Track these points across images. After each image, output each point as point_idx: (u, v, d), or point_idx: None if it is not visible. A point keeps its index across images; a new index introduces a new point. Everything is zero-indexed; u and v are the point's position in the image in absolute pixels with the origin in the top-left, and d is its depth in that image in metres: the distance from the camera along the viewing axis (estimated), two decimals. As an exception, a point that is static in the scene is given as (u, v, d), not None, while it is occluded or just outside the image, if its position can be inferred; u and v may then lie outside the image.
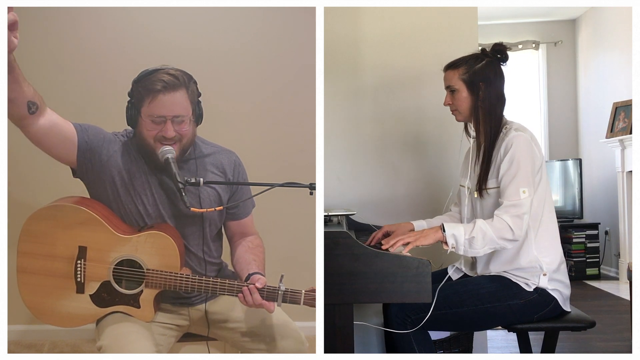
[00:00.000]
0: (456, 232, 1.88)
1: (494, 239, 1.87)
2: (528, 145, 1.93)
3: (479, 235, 1.86)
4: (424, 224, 2.20)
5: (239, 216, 2.02)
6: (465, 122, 2.14)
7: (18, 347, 2.84)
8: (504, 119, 2.04)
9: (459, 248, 1.88)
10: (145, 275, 1.80)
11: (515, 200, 1.88)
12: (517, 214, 1.87)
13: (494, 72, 2.02)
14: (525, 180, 1.90)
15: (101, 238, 1.79)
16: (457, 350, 2.44)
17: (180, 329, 1.96)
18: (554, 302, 1.96)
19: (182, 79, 1.79)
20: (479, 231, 1.87)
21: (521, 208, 1.87)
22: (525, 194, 1.88)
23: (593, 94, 6.06)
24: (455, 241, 1.88)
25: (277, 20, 2.92)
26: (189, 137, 1.85)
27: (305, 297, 1.75)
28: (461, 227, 1.90)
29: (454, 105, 2.07)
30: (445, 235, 1.89)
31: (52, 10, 2.77)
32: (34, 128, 1.70)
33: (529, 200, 1.89)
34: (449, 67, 2.07)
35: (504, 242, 1.88)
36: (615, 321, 3.78)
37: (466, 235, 1.87)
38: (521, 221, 1.87)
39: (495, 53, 2.04)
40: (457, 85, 2.04)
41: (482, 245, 1.87)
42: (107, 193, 1.85)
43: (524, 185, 1.89)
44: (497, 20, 6.31)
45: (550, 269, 1.95)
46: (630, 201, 5.01)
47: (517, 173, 1.90)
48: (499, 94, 2.03)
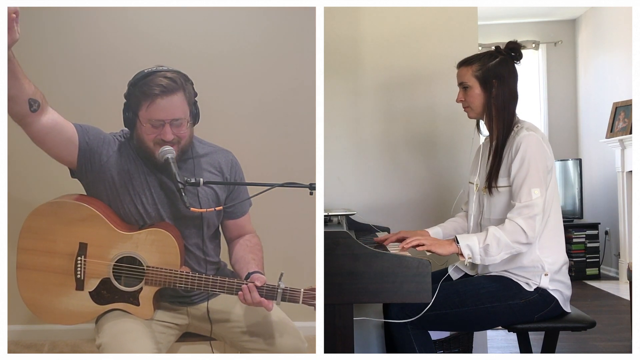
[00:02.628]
0: (470, 243, 1.88)
1: (509, 243, 1.86)
2: (539, 145, 1.92)
3: (493, 242, 1.86)
4: (439, 231, 2.19)
5: (236, 215, 2.02)
6: (477, 119, 2.13)
7: (18, 347, 2.84)
8: (516, 117, 2.04)
9: (475, 258, 1.88)
10: (145, 273, 1.80)
11: (527, 202, 1.87)
12: (529, 216, 1.86)
13: (508, 69, 2.03)
14: (536, 180, 1.89)
15: (102, 235, 1.79)
16: (457, 350, 2.44)
17: (180, 327, 1.96)
18: (554, 302, 1.96)
19: (180, 82, 1.79)
20: (492, 238, 1.86)
21: (533, 209, 1.87)
22: (537, 194, 1.88)
23: (593, 94, 6.06)
24: (470, 251, 1.88)
25: (277, 20, 2.92)
26: (187, 139, 1.85)
27: (304, 296, 1.75)
28: (474, 236, 1.89)
29: (467, 102, 2.06)
30: (460, 247, 1.88)
31: (50, 11, 2.76)
32: (36, 127, 1.69)
33: (541, 201, 1.88)
34: (463, 63, 2.06)
35: (519, 246, 1.88)
36: (615, 321, 3.78)
37: (480, 244, 1.87)
38: (534, 222, 1.86)
39: (510, 51, 2.04)
40: (470, 82, 2.03)
41: (497, 252, 1.86)
42: (106, 193, 1.85)
43: (535, 186, 1.88)
44: (497, 20, 6.31)
45: (552, 270, 1.95)
46: (630, 201, 5.01)
47: (528, 173, 1.89)
48: (512, 91, 2.03)
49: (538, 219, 1.87)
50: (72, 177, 1.88)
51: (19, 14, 1.37)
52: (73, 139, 1.79)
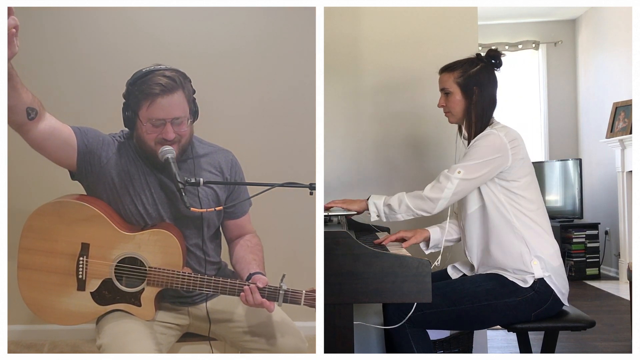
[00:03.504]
0: (377, 201, 2.05)
1: (409, 206, 2.00)
2: (494, 140, 1.97)
3: (395, 203, 2.01)
4: (438, 230, 2.21)
5: (236, 215, 2.02)
6: (458, 123, 2.16)
7: (18, 347, 2.84)
8: (491, 120, 2.08)
9: (381, 215, 2.05)
10: (147, 273, 1.80)
11: (446, 175, 1.97)
12: (437, 184, 1.98)
13: (488, 77, 2.06)
14: (468, 165, 1.96)
15: (104, 235, 1.79)
16: (457, 350, 2.44)
17: (180, 328, 1.96)
18: (551, 297, 1.96)
19: (179, 80, 1.79)
20: (396, 198, 2.02)
21: (446, 180, 1.96)
22: (459, 174, 1.96)
23: (593, 94, 6.06)
24: (376, 209, 2.04)
25: (277, 20, 2.92)
26: (187, 137, 1.85)
27: (305, 298, 1.75)
28: (383, 196, 2.06)
29: (447, 107, 2.11)
30: (368, 204, 2.06)
31: (50, 12, 2.76)
32: (33, 134, 1.70)
33: (459, 179, 1.95)
34: (445, 69, 2.10)
35: (420, 212, 2.01)
36: (615, 321, 3.79)
37: (385, 202, 2.03)
38: (439, 191, 1.96)
39: (490, 58, 2.07)
40: (452, 88, 2.07)
41: (399, 211, 2.01)
42: (106, 194, 1.85)
43: (462, 167, 1.96)
44: (497, 20, 6.32)
45: (539, 255, 1.96)
46: (630, 201, 5.01)
47: (466, 157, 1.99)
48: (491, 98, 2.08)
49: (446, 193, 1.96)
50: (73, 180, 1.88)
51: (19, 28, 1.37)
52: (71, 143, 1.79)
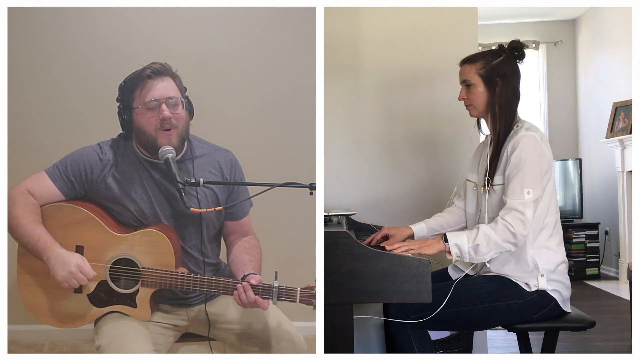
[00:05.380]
0: (459, 242, 1.87)
1: (499, 242, 1.85)
2: (536, 145, 1.92)
3: (483, 242, 1.85)
4: (424, 227, 2.18)
5: (237, 216, 2.01)
6: (479, 117, 2.12)
7: (18, 347, 2.84)
8: (517, 117, 2.04)
9: (464, 257, 1.87)
10: (141, 274, 1.79)
11: (519, 201, 1.87)
12: (519, 215, 1.86)
13: (512, 68, 2.02)
14: (530, 180, 1.88)
15: (98, 237, 1.79)
16: (457, 350, 2.44)
17: (178, 329, 1.95)
18: (553, 302, 1.96)
19: (168, 69, 1.85)
20: (482, 237, 1.86)
21: (524, 208, 1.86)
22: (529, 194, 1.87)
23: (593, 94, 6.06)
24: (459, 250, 1.87)
25: (277, 20, 2.92)
26: (184, 125, 1.86)
27: (301, 295, 1.73)
28: (464, 235, 1.88)
29: (469, 100, 2.05)
30: (449, 246, 1.88)
31: (49, 11, 2.76)
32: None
33: (532, 201, 1.88)
34: (466, 61, 2.04)
35: (509, 245, 1.87)
36: (615, 321, 3.78)
37: (470, 243, 1.86)
38: (523, 222, 1.86)
39: (513, 50, 2.03)
40: (474, 80, 2.01)
41: (487, 251, 1.86)
42: (104, 200, 1.86)
43: (528, 186, 1.88)
44: (497, 20, 6.31)
45: (547, 269, 1.94)
46: (630, 201, 5.01)
47: (522, 173, 1.89)
48: (515, 90, 2.02)
49: (528, 219, 1.86)
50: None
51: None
52: (54, 195, 1.84)
